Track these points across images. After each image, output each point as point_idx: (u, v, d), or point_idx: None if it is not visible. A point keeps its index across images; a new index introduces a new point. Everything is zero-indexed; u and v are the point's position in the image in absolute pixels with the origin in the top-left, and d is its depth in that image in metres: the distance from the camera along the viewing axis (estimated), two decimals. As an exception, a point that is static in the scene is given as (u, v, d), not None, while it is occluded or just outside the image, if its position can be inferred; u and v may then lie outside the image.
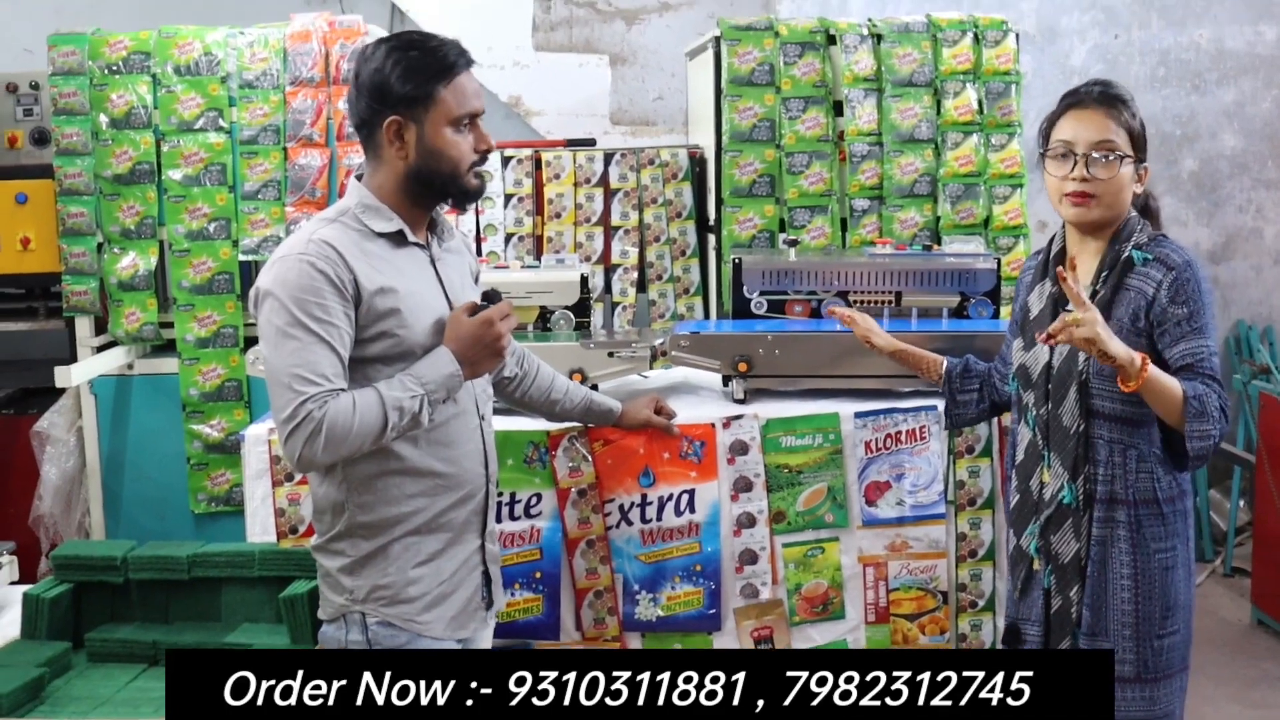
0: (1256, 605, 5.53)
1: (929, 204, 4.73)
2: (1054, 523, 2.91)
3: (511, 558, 3.35)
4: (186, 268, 4.72)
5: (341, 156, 4.71)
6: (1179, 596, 2.86)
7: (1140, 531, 2.83)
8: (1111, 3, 6.66)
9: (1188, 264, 2.81)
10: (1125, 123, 2.85)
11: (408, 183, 2.63)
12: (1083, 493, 2.86)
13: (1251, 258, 6.81)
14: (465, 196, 2.70)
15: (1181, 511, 2.88)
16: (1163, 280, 2.80)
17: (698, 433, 3.40)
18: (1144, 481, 2.83)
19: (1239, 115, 6.76)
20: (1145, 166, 2.91)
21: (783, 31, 4.72)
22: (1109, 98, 2.89)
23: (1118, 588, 2.84)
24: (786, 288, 3.77)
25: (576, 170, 4.93)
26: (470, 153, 2.64)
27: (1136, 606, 2.83)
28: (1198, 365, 2.76)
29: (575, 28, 6.85)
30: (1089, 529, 2.86)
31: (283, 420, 2.46)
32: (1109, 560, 2.85)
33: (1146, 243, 2.86)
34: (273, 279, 2.51)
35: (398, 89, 2.57)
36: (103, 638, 3.07)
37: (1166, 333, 2.79)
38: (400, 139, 2.60)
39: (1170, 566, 2.84)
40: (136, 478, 4.86)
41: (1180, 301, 2.78)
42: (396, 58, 2.58)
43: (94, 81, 4.69)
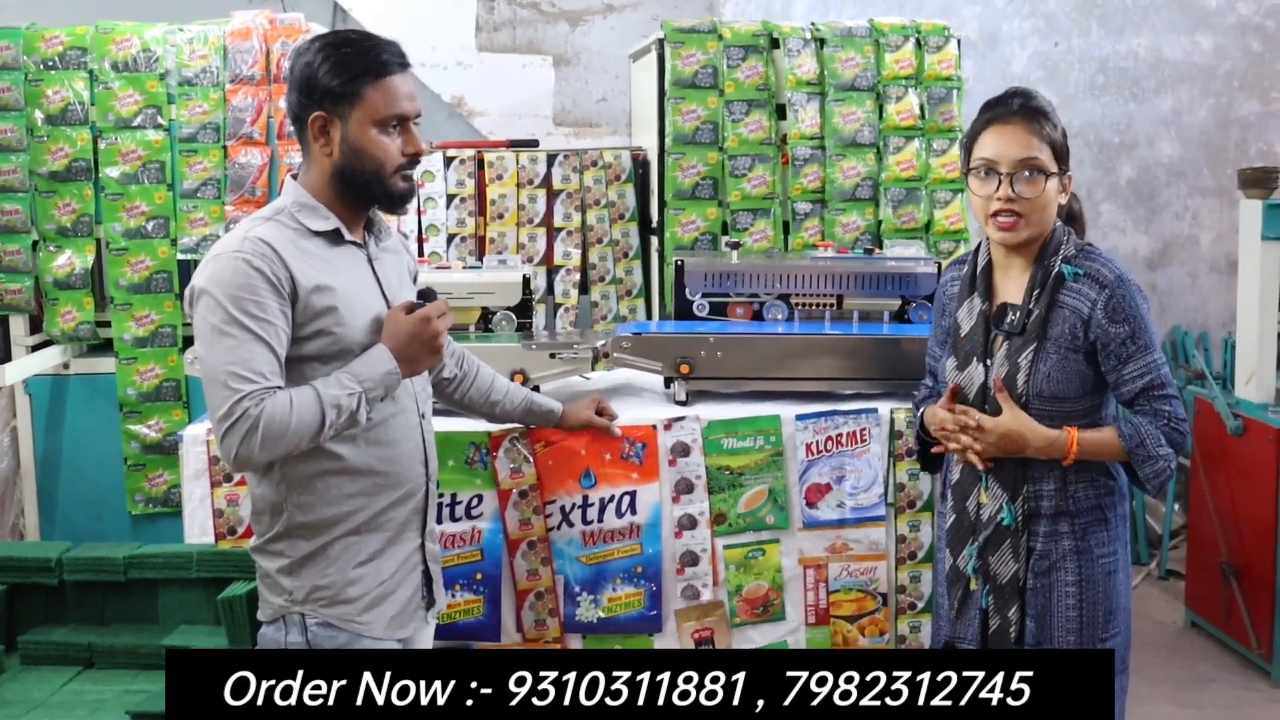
0: (1190, 608, 5.60)
1: (871, 208, 4.76)
2: (992, 544, 2.90)
3: (452, 559, 3.33)
4: (124, 266, 4.67)
5: (282, 155, 4.67)
6: (1120, 599, 2.89)
7: (1085, 539, 2.85)
8: (1052, 10, 6.74)
9: (1119, 279, 2.80)
10: (1047, 136, 2.82)
11: (335, 181, 2.62)
12: (1022, 513, 2.86)
13: (1188, 264, 6.90)
14: (391, 200, 2.66)
15: (1121, 515, 2.91)
16: (1097, 299, 2.79)
17: (639, 434, 3.40)
18: (1083, 491, 2.85)
19: (1176, 123, 6.85)
20: (1069, 176, 2.89)
21: (726, 35, 4.73)
22: (1030, 111, 2.84)
23: (1062, 595, 2.85)
24: (728, 290, 3.78)
25: (519, 171, 4.92)
26: (397, 155, 2.61)
27: (1081, 612, 2.85)
28: (1151, 384, 2.79)
29: (519, 28, 6.84)
30: (1028, 548, 2.86)
31: (219, 418, 2.44)
32: (1054, 571, 2.86)
33: (1075, 255, 2.85)
34: (208, 277, 2.49)
35: (324, 84, 2.55)
36: (36, 640, 3.03)
37: (1111, 354, 2.80)
38: (325, 135, 2.59)
39: (1112, 570, 2.87)
40: (72, 479, 4.80)
41: (1120, 320, 2.78)
42: (328, 53, 2.56)
43: (29, 77, 4.63)
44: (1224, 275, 6.82)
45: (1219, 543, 5.29)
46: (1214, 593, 5.35)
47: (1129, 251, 6.80)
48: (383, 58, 2.58)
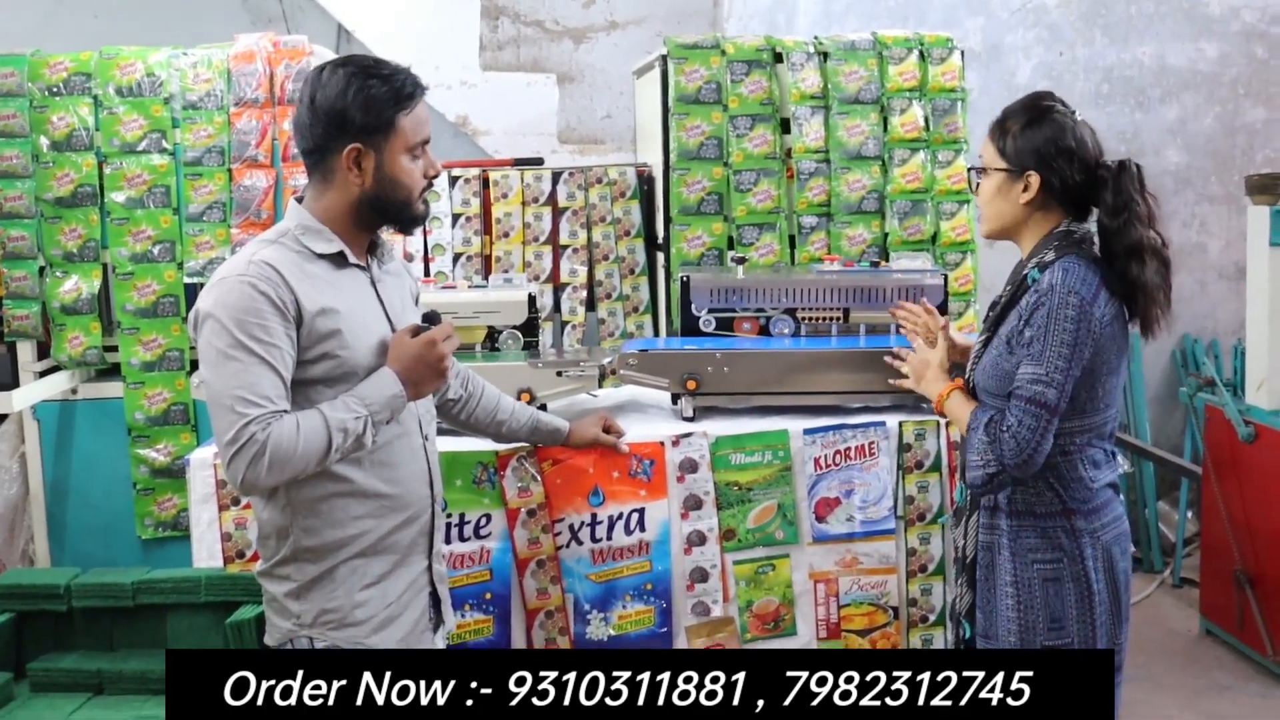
0: (1205, 616, 5.58)
1: (877, 220, 4.75)
2: (956, 517, 3.07)
3: (461, 579, 3.32)
4: (130, 291, 4.68)
5: (287, 177, 4.68)
6: (1068, 610, 2.86)
7: (1018, 541, 2.89)
8: (1055, 20, 6.73)
9: (1051, 289, 2.79)
10: (999, 135, 2.96)
11: (359, 208, 2.62)
12: (968, 496, 2.97)
13: (1196, 272, 6.88)
14: (414, 222, 2.71)
15: (1065, 529, 2.86)
16: (1029, 303, 2.83)
17: (647, 451, 3.39)
18: (1021, 494, 2.88)
19: (1182, 131, 6.84)
20: (1030, 173, 2.90)
21: (729, 50, 4.73)
22: (1002, 115, 3.02)
23: (1003, 594, 2.90)
24: (735, 305, 3.77)
25: (524, 189, 4.93)
26: (421, 179, 2.65)
27: (1019, 614, 2.88)
28: (1018, 389, 2.80)
29: (523, 47, 6.85)
30: (976, 531, 2.96)
31: (226, 443, 2.43)
32: (995, 565, 2.93)
33: (1051, 261, 2.85)
34: (213, 301, 2.48)
35: (359, 118, 2.56)
36: (45, 667, 3.03)
37: (1016, 352, 2.84)
38: (358, 166, 2.59)
39: (1053, 579, 2.86)
40: (81, 504, 4.80)
41: (1031, 323, 2.80)
42: (358, 86, 2.56)
43: (34, 103, 4.64)
44: (1233, 282, 6.80)
45: (1232, 550, 5.26)
46: (1228, 600, 5.32)
47: (1137, 260, 6.76)
48: (409, 88, 2.60)
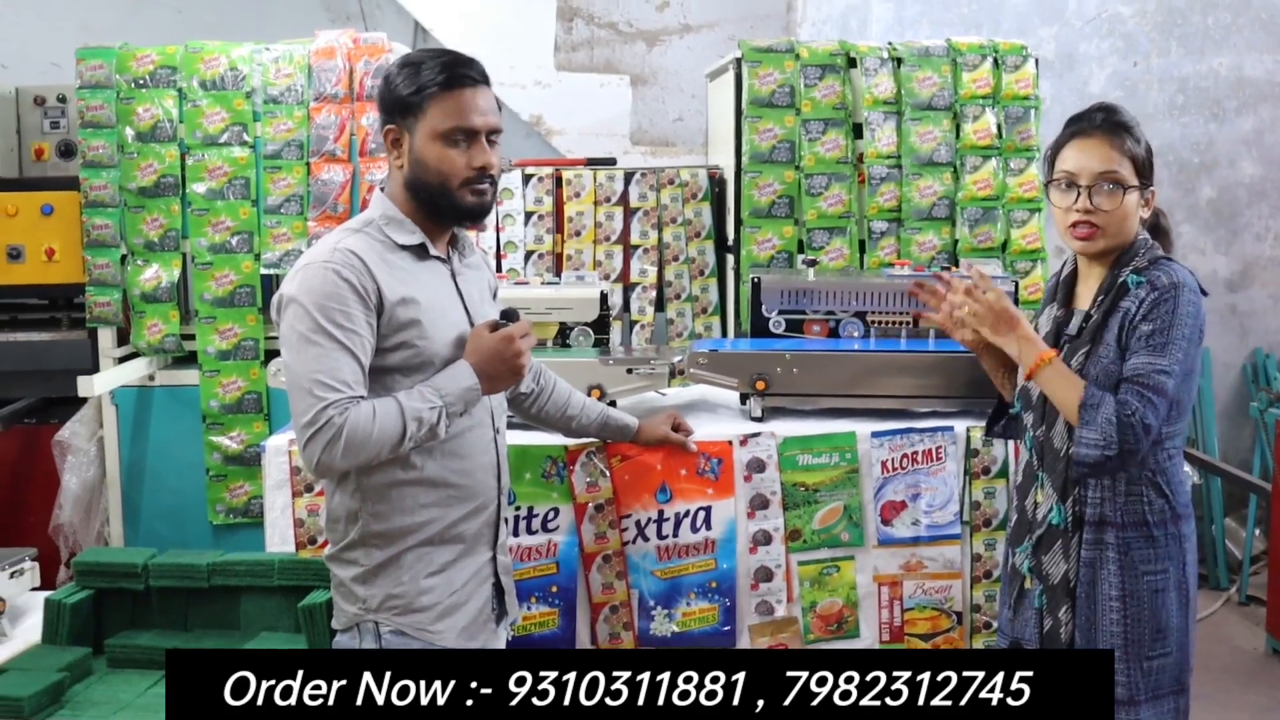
0: (1271, 634, 5.52)
1: (947, 227, 4.75)
2: (1044, 543, 2.93)
3: (528, 571, 3.36)
4: (209, 280, 4.76)
5: (364, 172, 4.74)
6: (1171, 619, 2.85)
7: (1129, 554, 2.83)
8: (1130, 30, 6.68)
9: (1174, 285, 2.77)
10: (1129, 150, 2.85)
11: (408, 193, 2.66)
12: (1071, 514, 2.87)
13: (1270, 286, 6.80)
14: (459, 213, 2.67)
15: (1174, 535, 2.86)
16: (1145, 298, 2.78)
17: (715, 450, 3.42)
18: (1133, 504, 2.83)
19: (1258, 143, 6.77)
20: (1152, 190, 2.90)
21: (803, 54, 4.75)
22: (1112, 125, 2.87)
23: (1107, 609, 2.84)
24: (805, 307, 3.78)
25: (596, 189, 4.96)
26: (464, 169, 2.61)
27: (1125, 628, 2.83)
28: (1138, 375, 2.74)
29: (596, 48, 6.90)
30: (1078, 551, 2.87)
31: (303, 425, 2.48)
32: (1098, 582, 2.85)
33: (1147, 266, 2.84)
34: (298, 286, 2.53)
35: (394, 99, 2.62)
36: (122, 644, 3.08)
37: (1129, 348, 2.79)
38: (397, 147, 2.64)
39: (1161, 589, 2.83)
40: (156, 488, 4.89)
41: (1151, 318, 2.76)
42: (406, 70, 2.62)
43: (120, 95, 4.74)
44: (1307, 297, 6.74)
45: (1300, 568, 5.21)
46: (1295, 619, 5.27)
47: (1209, 273, 6.71)
48: (450, 72, 2.60)
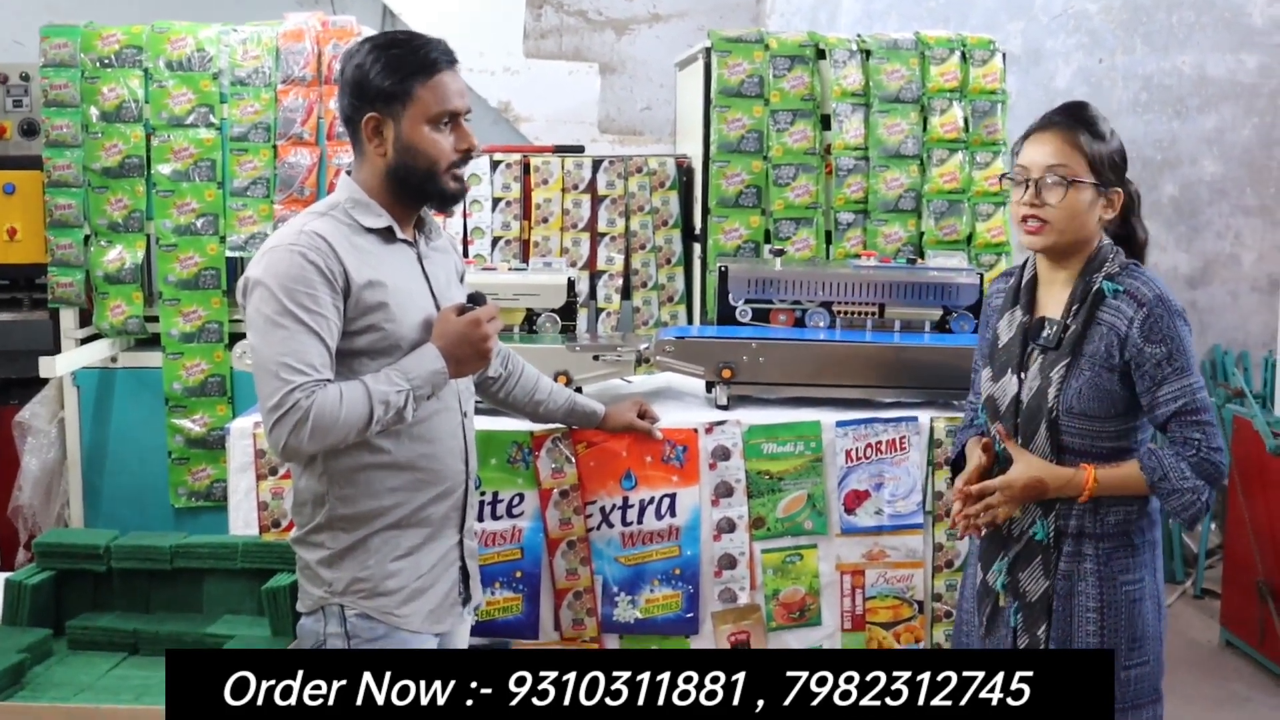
0: (1225, 627, 5.58)
1: (913, 219, 4.77)
2: (1023, 559, 2.88)
3: (492, 557, 3.36)
4: (173, 262, 4.73)
5: (331, 156, 4.73)
6: (1147, 628, 2.83)
7: (1108, 565, 2.80)
8: (1096, 27, 6.73)
9: (1159, 299, 2.73)
10: (1084, 146, 2.77)
11: (388, 180, 2.65)
12: (1054, 529, 2.83)
13: (1229, 283, 6.87)
14: (443, 198, 2.69)
15: (1150, 542, 2.86)
16: (1134, 317, 2.73)
17: (680, 437, 3.43)
18: (1115, 516, 2.81)
19: (1219, 142, 6.83)
20: (1116, 191, 2.82)
21: (773, 45, 4.76)
22: (1072, 121, 2.81)
23: (1083, 620, 2.81)
24: (771, 297, 3.80)
25: (564, 176, 4.96)
26: (450, 152, 2.64)
27: (1102, 639, 2.80)
28: (1186, 408, 2.72)
29: (565, 36, 6.89)
30: (1056, 565, 2.83)
31: (270, 408, 2.48)
32: (1075, 594, 2.82)
33: (1118, 273, 2.80)
34: (263, 269, 2.53)
35: (376, 85, 2.59)
36: (84, 625, 3.06)
37: (1146, 375, 2.74)
38: (379, 135, 2.62)
39: (1138, 599, 2.82)
40: (117, 470, 4.86)
41: (1156, 340, 2.72)
42: (377, 55, 2.60)
43: (85, 74, 4.70)
44: (1265, 295, 6.80)
45: (1255, 562, 5.26)
46: (1250, 612, 5.32)
47: (1169, 269, 6.77)
48: (431, 56, 2.61)
